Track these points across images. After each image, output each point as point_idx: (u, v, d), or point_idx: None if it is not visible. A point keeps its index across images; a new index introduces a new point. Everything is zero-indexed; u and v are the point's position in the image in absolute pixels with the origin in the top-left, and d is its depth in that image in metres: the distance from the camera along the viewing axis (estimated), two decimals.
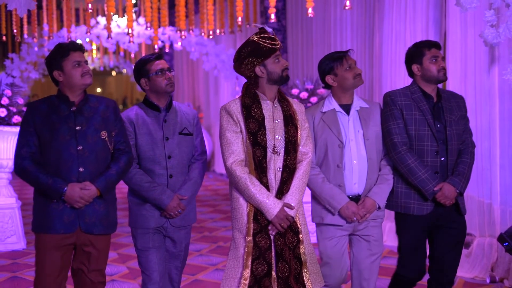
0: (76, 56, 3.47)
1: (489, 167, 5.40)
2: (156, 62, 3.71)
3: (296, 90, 6.85)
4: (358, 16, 7.69)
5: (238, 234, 3.37)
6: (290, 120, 3.43)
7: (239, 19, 7.34)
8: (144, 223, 3.69)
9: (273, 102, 3.45)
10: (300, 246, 3.38)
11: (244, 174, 3.32)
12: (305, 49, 9.51)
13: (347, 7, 5.39)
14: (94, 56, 14.90)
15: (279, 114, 3.43)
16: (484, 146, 5.41)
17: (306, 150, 3.48)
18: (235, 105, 3.40)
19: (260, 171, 3.34)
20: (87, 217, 3.44)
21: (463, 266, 5.25)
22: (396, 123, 3.70)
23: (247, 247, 3.30)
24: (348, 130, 3.67)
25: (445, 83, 5.64)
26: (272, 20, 6.16)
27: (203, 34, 9.73)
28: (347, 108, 3.72)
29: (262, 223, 3.33)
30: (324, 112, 3.71)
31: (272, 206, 3.30)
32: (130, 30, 8.67)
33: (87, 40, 10.93)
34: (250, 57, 3.38)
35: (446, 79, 3.79)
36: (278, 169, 3.38)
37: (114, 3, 8.05)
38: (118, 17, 11.07)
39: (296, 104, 3.54)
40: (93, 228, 3.46)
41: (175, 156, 3.70)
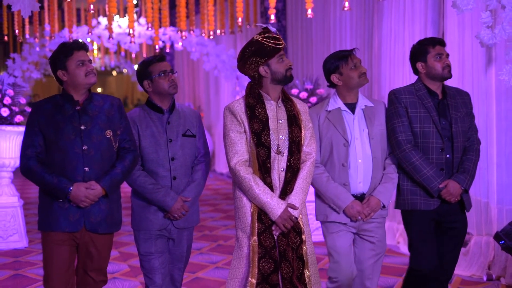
0: (80, 55, 3.44)
1: (486, 166, 5.43)
2: (159, 64, 3.68)
3: (295, 90, 6.89)
4: (358, 17, 7.72)
5: (242, 233, 3.35)
6: (294, 120, 3.41)
7: (240, 19, 7.39)
8: (147, 225, 3.67)
9: (277, 102, 3.42)
10: (303, 247, 3.37)
11: (248, 175, 3.30)
12: (304, 49, 9.54)
13: (346, 8, 5.43)
14: (95, 56, 14.94)
15: (283, 114, 3.41)
16: (481, 145, 5.40)
17: (309, 150, 3.46)
18: (239, 105, 3.38)
19: (264, 172, 3.32)
20: (92, 216, 3.43)
21: (460, 264, 5.26)
22: (401, 121, 3.69)
23: (253, 246, 3.28)
24: (353, 129, 3.66)
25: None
26: (272, 21, 6.20)
27: (203, 34, 9.79)
28: (352, 107, 3.71)
29: (266, 223, 3.30)
30: (329, 111, 3.70)
31: (276, 207, 3.28)
32: (131, 31, 8.74)
33: (88, 40, 10.96)
34: (254, 56, 3.36)
35: (451, 76, 3.77)
36: (282, 169, 3.35)
37: (116, 4, 8.10)
38: (120, 17, 11.11)
39: (300, 104, 3.50)
40: (98, 227, 3.46)
41: (179, 158, 3.68)
